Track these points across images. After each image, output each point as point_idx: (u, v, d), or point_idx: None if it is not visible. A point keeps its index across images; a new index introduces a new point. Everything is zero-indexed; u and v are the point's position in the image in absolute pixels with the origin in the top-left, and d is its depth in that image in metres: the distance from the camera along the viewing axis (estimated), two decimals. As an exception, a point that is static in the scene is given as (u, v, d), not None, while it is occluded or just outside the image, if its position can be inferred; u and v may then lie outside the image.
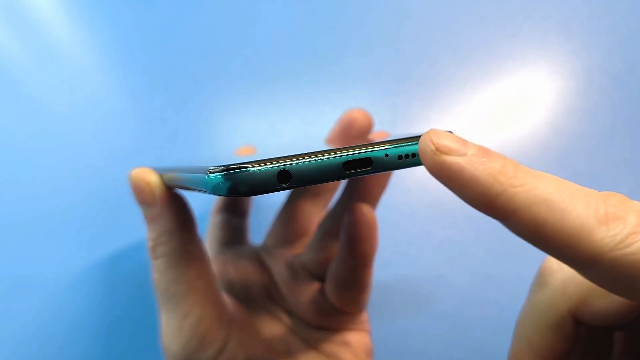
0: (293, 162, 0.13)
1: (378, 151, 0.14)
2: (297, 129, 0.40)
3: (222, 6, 0.45)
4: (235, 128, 0.41)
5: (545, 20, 0.43)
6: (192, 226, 0.20)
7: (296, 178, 0.13)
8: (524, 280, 0.34)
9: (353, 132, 0.24)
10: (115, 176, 0.36)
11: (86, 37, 0.45)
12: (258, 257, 0.27)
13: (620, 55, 0.41)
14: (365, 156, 0.14)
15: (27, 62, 0.43)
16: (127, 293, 0.34)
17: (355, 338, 0.25)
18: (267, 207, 0.34)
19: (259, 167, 0.13)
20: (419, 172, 0.38)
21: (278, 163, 0.13)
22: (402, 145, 0.15)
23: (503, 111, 0.40)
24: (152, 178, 0.19)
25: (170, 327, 0.20)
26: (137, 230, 0.36)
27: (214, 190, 0.13)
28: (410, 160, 0.15)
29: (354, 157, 0.14)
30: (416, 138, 0.15)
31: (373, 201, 0.24)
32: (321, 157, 0.13)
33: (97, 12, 0.45)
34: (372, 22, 0.44)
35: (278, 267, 0.26)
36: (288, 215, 0.27)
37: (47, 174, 0.38)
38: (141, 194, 0.19)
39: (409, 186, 0.38)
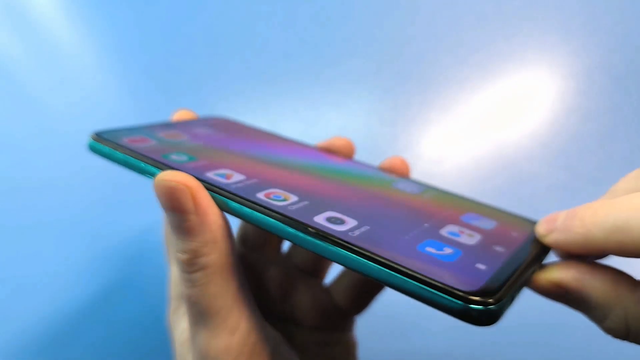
0: (516, 286, 0.14)
1: (538, 262, 0.16)
2: (297, 130, 0.40)
3: (223, 6, 0.45)
4: (235, 128, 0.41)
5: (545, 20, 0.43)
6: (231, 233, 0.19)
7: (513, 300, 0.14)
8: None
9: (342, 155, 0.25)
10: (116, 177, 0.36)
11: (86, 37, 0.45)
12: (243, 260, 0.26)
13: (620, 55, 0.41)
14: (535, 269, 0.16)
15: (27, 62, 0.43)
16: (128, 294, 0.34)
17: (347, 336, 0.25)
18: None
19: (505, 299, 0.13)
20: (418, 171, 0.38)
21: (512, 290, 0.14)
22: (545, 252, 0.17)
23: (503, 111, 0.40)
24: (191, 181, 0.17)
25: (216, 345, 0.18)
26: (139, 231, 0.36)
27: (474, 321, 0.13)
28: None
29: (534, 270, 0.15)
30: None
31: None
32: (524, 277, 0.15)
33: (97, 12, 0.45)
34: (372, 23, 0.44)
35: (269, 270, 0.25)
36: None
37: (47, 175, 0.38)
38: (179, 201, 0.17)
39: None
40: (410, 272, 0.14)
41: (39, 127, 0.40)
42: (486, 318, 0.13)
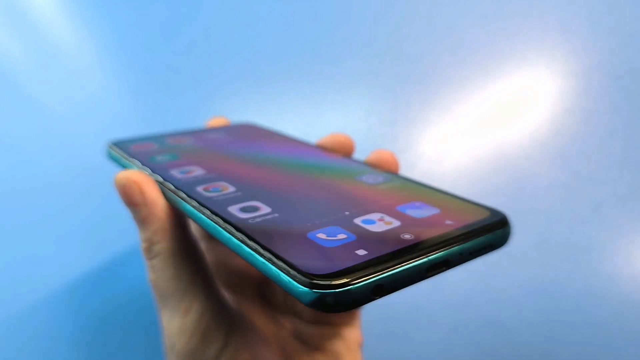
0: (386, 274, 0.13)
1: (453, 250, 0.15)
2: (297, 129, 0.40)
3: (223, 6, 0.45)
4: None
5: (545, 20, 0.43)
6: (185, 222, 0.20)
7: (387, 289, 0.13)
8: (523, 279, 0.34)
9: (339, 152, 0.25)
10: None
11: (86, 37, 0.45)
12: None
13: (620, 55, 0.41)
14: (444, 258, 0.14)
15: (27, 62, 0.43)
16: (127, 294, 0.34)
17: (349, 331, 0.25)
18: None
19: (356, 284, 0.12)
20: (420, 169, 0.38)
21: (372, 277, 0.13)
22: (475, 240, 0.15)
23: (503, 111, 0.40)
24: (140, 178, 0.19)
25: (172, 326, 0.20)
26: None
27: (302, 300, 0.12)
28: (483, 252, 0.15)
29: (435, 260, 0.14)
30: (487, 229, 0.15)
31: None
32: (408, 265, 0.14)
33: (97, 12, 0.45)
34: (372, 23, 0.44)
35: None
36: None
37: (47, 175, 0.38)
38: (130, 195, 0.19)
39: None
40: (266, 255, 0.14)
41: (39, 127, 0.40)
42: (325, 302, 0.12)
